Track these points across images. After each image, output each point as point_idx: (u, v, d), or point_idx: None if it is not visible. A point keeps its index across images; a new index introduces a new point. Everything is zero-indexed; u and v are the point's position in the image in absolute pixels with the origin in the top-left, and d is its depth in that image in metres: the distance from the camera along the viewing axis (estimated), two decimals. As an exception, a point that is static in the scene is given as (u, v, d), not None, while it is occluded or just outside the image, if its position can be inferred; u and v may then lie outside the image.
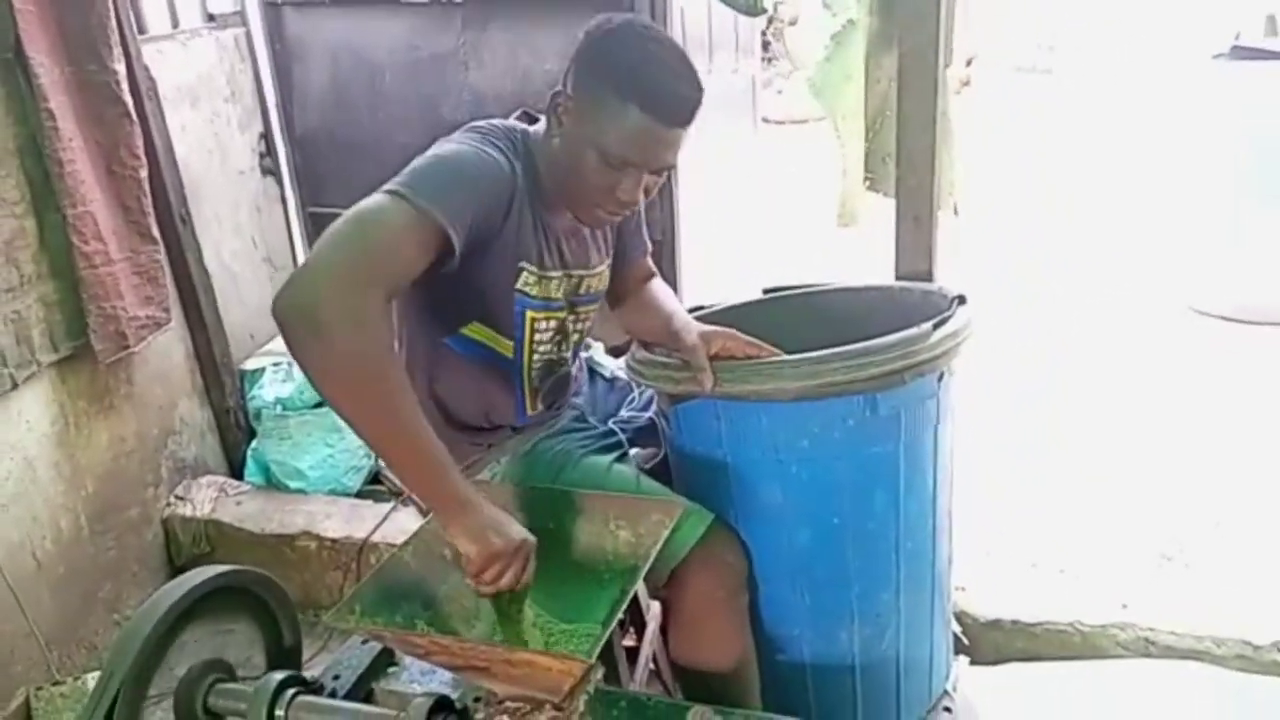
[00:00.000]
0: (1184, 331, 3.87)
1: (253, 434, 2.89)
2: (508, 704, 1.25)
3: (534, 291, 1.49)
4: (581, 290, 1.60)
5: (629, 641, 1.94)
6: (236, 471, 2.91)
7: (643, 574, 1.23)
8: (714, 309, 1.88)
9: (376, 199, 1.25)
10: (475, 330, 1.50)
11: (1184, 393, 3.28)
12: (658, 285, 1.77)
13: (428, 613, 1.25)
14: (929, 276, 1.93)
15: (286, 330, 1.14)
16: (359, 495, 2.79)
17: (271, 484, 2.79)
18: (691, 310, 1.87)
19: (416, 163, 1.33)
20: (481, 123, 1.47)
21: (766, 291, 1.92)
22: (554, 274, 1.52)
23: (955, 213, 1.92)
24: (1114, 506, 2.58)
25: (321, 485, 2.74)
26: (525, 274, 1.47)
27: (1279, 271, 3.81)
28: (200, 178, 2.89)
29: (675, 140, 1.39)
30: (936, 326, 1.46)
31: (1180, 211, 4.18)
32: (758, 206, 4.37)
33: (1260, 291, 3.83)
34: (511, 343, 1.52)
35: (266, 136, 3.21)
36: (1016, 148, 6.96)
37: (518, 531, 1.24)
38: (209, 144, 2.97)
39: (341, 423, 2.77)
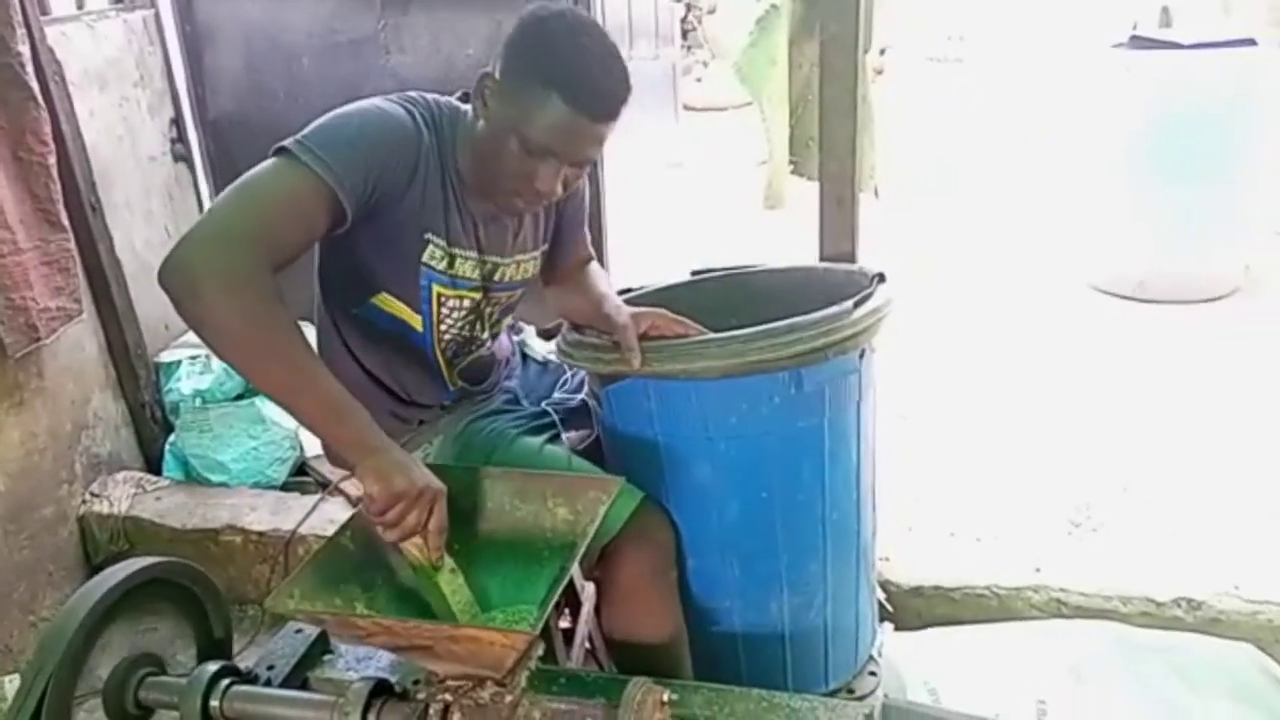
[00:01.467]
0: (1086, 309, 4.05)
1: (169, 428, 2.83)
2: (449, 683, 1.26)
3: (441, 267, 1.49)
4: (497, 277, 1.59)
5: (564, 623, 1.97)
6: (154, 467, 2.84)
7: (583, 549, 1.25)
8: (643, 291, 1.91)
9: (266, 161, 1.27)
10: (384, 301, 1.50)
11: (1088, 367, 3.43)
12: (593, 269, 1.78)
13: (367, 595, 1.26)
14: (852, 257, 1.99)
15: (170, 296, 1.16)
16: (285, 488, 2.75)
17: (191, 478, 2.74)
18: (621, 292, 1.90)
19: (319, 120, 1.33)
20: (411, 92, 1.47)
21: (695, 273, 1.95)
22: (467, 254, 1.51)
23: (876, 195, 1.98)
24: (1026, 476, 2.69)
25: (245, 478, 2.69)
26: (432, 247, 1.46)
27: (1176, 251, 4.01)
28: (110, 164, 2.81)
29: (598, 135, 1.39)
30: (858, 304, 1.51)
31: (1082, 194, 4.35)
32: (683, 192, 4.41)
33: (1158, 271, 4.02)
34: (420, 317, 1.52)
35: (178, 122, 3.13)
36: (928, 134, 7.14)
37: (423, 475, 1.24)
38: (118, 129, 2.89)
39: (265, 414, 2.73)
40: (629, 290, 1.87)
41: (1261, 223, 4.23)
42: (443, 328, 1.55)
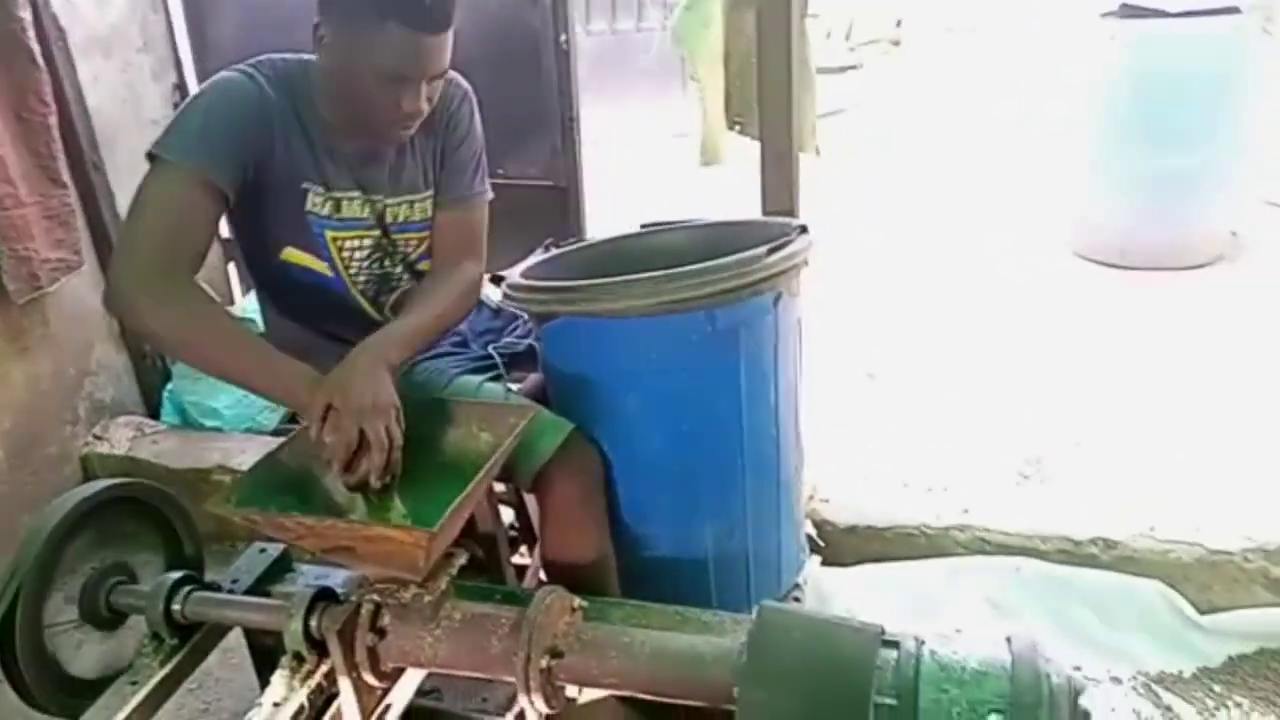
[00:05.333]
0: (1068, 275, 4.11)
1: (169, 376, 2.99)
2: (377, 585, 1.40)
3: (326, 212, 1.59)
4: (390, 219, 1.67)
5: (523, 560, 2.10)
6: (154, 413, 3.01)
7: (494, 464, 1.37)
8: (597, 241, 2.04)
9: (148, 174, 1.41)
10: (291, 255, 1.62)
11: (1064, 331, 3.51)
12: (436, 281, 1.67)
13: (302, 504, 1.39)
14: (792, 212, 2.09)
15: (117, 319, 1.34)
16: (275, 433, 2.90)
17: (188, 424, 2.90)
18: (576, 244, 2.03)
19: (176, 115, 1.47)
20: (260, 57, 1.57)
21: (644, 226, 2.06)
22: (350, 195, 1.60)
23: (817, 154, 2.08)
24: (985, 431, 2.78)
25: (237, 424, 2.85)
26: (312, 195, 1.57)
27: (1159, 219, 4.06)
28: (113, 126, 2.95)
29: (441, 45, 1.46)
30: (772, 251, 1.61)
31: (1067, 161, 4.39)
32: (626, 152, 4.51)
33: (1140, 238, 4.07)
34: (326, 264, 1.63)
35: (181, 86, 3.26)
36: (942, 102, 7.18)
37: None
38: (122, 94, 3.03)
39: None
40: (582, 241, 2.00)
41: (1246, 190, 4.26)
42: (352, 270, 1.66)
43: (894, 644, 1.25)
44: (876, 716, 1.16)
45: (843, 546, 2.24)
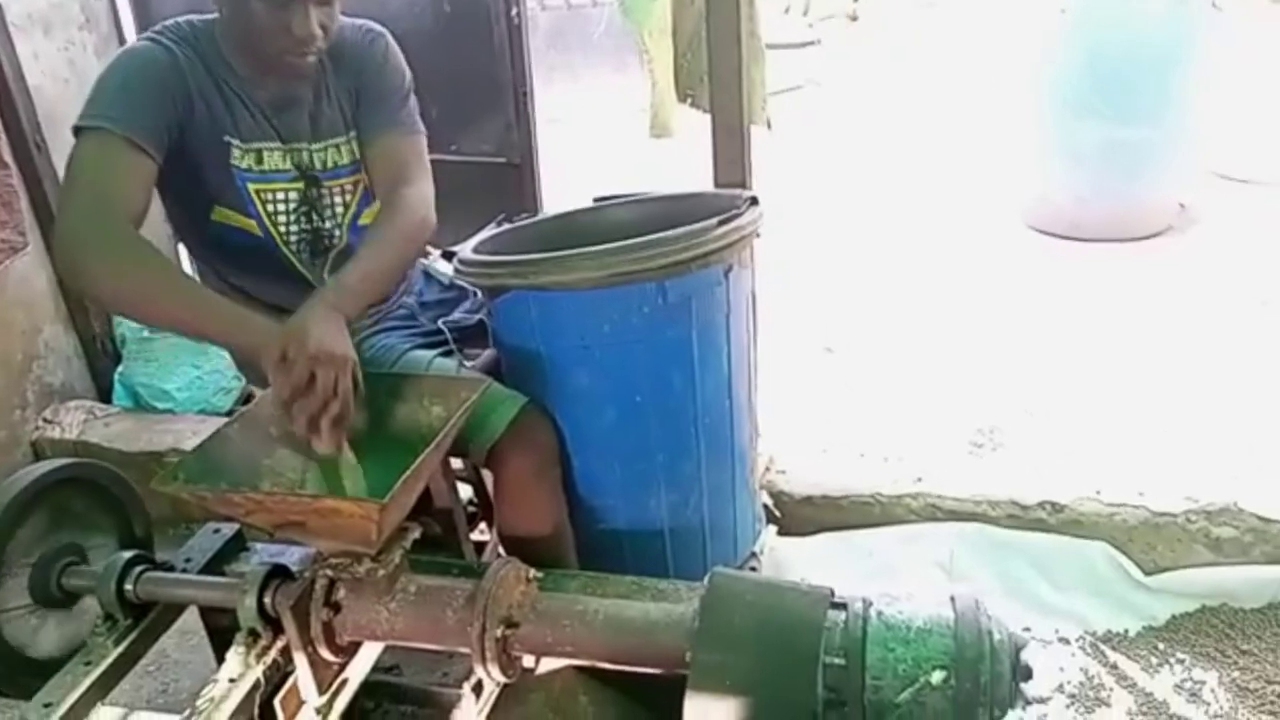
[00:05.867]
0: (1020, 247, 4.17)
1: (120, 359, 2.95)
2: (331, 561, 1.40)
3: (248, 164, 1.60)
4: (318, 165, 1.67)
5: (482, 537, 2.11)
6: (105, 396, 2.96)
7: (445, 436, 1.37)
8: (549, 216, 2.04)
9: (75, 146, 1.42)
10: (220, 214, 1.62)
11: (1015, 303, 3.55)
12: (382, 227, 1.62)
13: (250, 479, 1.38)
14: (744, 185, 2.10)
15: (69, 283, 1.33)
16: (229, 414, 2.87)
17: (140, 407, 2.86)
18: (528, 218, 2.02)
19: (93, 88, 1.46)
20: (166, 21, 1.57)
21: (596, 200, 2.06)
22: (269, 146, 1.61)
23: (769, 127, 2.09)
24: (939, 402, 2.82)
25: (190, 406, 2.82)
26: (234, 149, 1.58)
27: (1109, 191, 4.11)
28: (56, 106, 2.89)
29: None
30: (722, 223, 1.62)
31: (1019, 134, 4.44)
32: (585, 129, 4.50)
33: (1091, 209, 4.13)
34: (254, 221, 1.63)
35: (125, 64, 3.20)
36: (899, 77, 7.23)
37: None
38: (64, 72, 2.96)
39: (209, 345, 2.82)
40: (533, 216, 2.00)
41: (1194, 163, 4.33)
42: (279, 226, 1.65)
43: (842, 606, 1.28)
44: (825, 675, 1.19)
45: (799, 516, 2.27)
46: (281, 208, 1.65)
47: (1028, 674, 1.19)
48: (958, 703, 1.14)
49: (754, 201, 1.78)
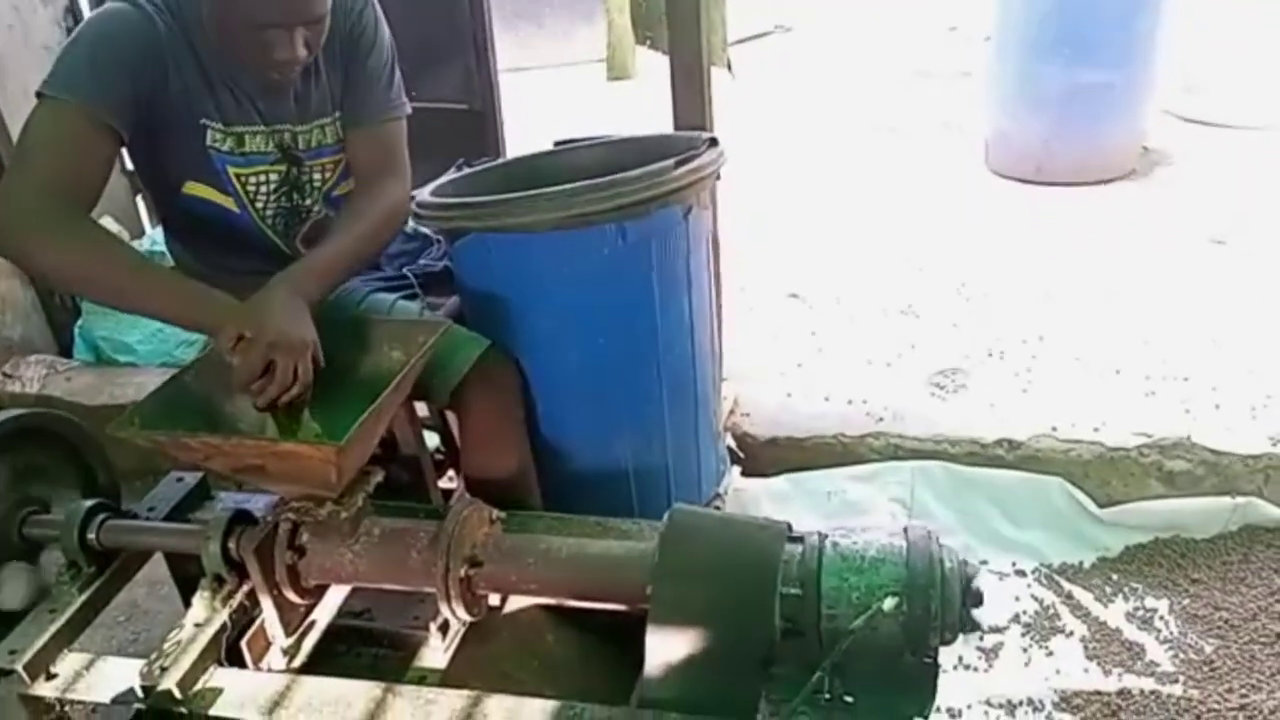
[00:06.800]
0: (983, 192, 4.19)
1: (79, 313, 2.91)
2: (293, 505, 1.41)
3: (227, 148, 1.53)
4: (302, 145, 1.60)
5: (450, 485, 2.12)
6: (66, 351, 2.93)
7: (404, 378, 1.37)
8: (509, 160, 2.02)
9: (35, 111, 1.35)
10: (194, 189, 1.56)
11: (979, 247, 3.58)
12: (356, 206, 1.60)
13: (208, 425, 1.38)
14: (704, 127, 2.09)
15: (9, 259, 1.35)
16: (194, 367, 2.85)
17: (101, 361, 2.83)
18: (488, 163, 2.01)
19: (62, 50, 1.40)
20: None
21: (557, 144, 2.05)
22: (253, 129, 1.54)
23: (729, 70, 2.07)
24: (903, 345, 2.85)
25: (152, 359, 2.80)
26: (211, 131, 1.50)
27: (1072, 135, 4.13)
28: (2, 55, 2.82)
29: None
30: (680, 163, 1.62)
31: (986, 78, 4.43)
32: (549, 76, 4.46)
33: (1054, 153, 4.14)
34: (232, 199, 1.57)
35: (72, 10, 3.12)
36: (870, 23, 7.17)
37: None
38: (8, 19, 2.89)
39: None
40: (495, 160, 1.98)
41: (1159, 105, 4.35)
42: (258, 205, 1.60)
43: (799, 539, 1.30)
44: (782, 606, 1.22)
45: (763, 458, 2.29)
46: (263, 189, 1.60)
47: (978, 600, 1.22)
48: (909, 628, 1.17)
49: (713, 142, 1.77)
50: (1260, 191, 3.85)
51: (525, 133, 2.97)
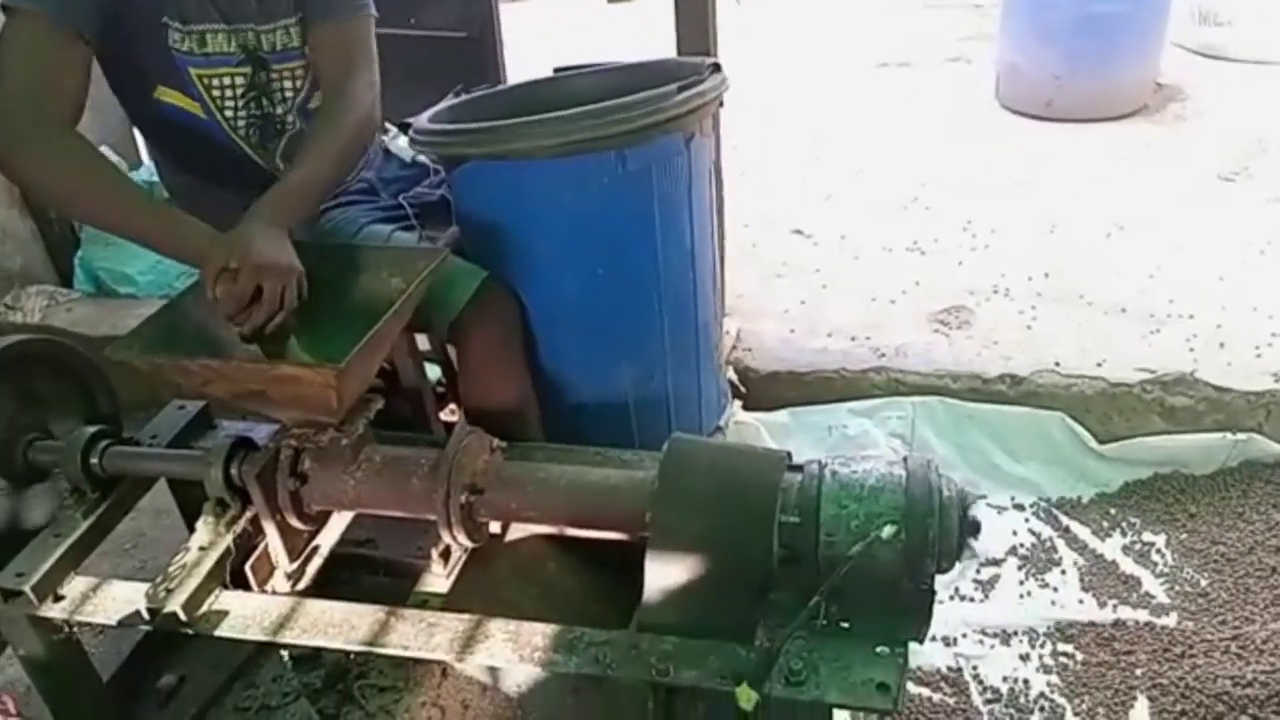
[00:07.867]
0: (995, 127, 4.12)
1: (79, 243, 2.89)
2: (295, 431, 1.41)
3: (188, 48, 1.51)
4: (266, 47, 1.58)
5: (452, 418, 2.12)
6: (66, 281, 2.92)
7: (403, 304, 1.36)
8: (509, 86, 1.99)
9: (5, 26, 1.34)
10: (164, 94, 1.55)
11: (990, 182, 3.53)
12: (323, 128, 1.55)
13: (208, 349, 1.37)
14: (708, 53, 2.05)
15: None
16: (194, 298, 2.84)
17: (102, 291, 2.82)
18: (487, 89, 1.97)
19: None
20: None
21: (557, 70, 2.01)
22: (213, 28, 1.52)
23: (738, 2, 2.02)
24: (910, 283, 2.83)
25: (153, 290, 2.79)
26: (172, 32, 1.49)
27: (1084, 69, 4.05)
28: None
29: None
30: (682, 89, 1.59)
31: (997, 11, 4.34)
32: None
33: (1065, 88, 4.07)
34: (197, 103, 1.56)
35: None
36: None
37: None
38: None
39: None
40: (495, 86, 1.95)
41: (1172, 39, 4.26)
42: (226, 111, 1.58)
43: (798, 468, 1.30)
44: (781, 533, 1.22)
45: (764, 392, 2.29)
46: (229, 94, 1.57)
47: (976, 528, 1.23)
48: (907, 555, 1.18)
49: (716, 68, 1.74)
50: (1273, 129, 3.78)
51: (525, 60, 2.92)
